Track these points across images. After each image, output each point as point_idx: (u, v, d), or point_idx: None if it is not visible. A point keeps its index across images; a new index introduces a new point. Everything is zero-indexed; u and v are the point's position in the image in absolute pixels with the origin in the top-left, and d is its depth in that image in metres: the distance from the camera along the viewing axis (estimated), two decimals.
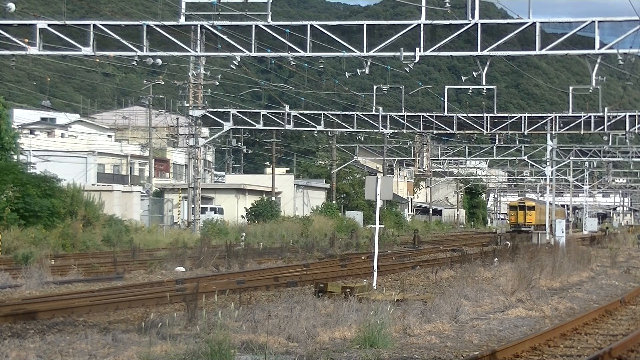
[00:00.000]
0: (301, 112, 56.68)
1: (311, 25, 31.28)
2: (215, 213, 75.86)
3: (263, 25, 31.22)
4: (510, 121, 54.52)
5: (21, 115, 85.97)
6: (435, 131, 57.29)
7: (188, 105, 64.14)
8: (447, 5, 31.14)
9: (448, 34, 30.69)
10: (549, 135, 63.67)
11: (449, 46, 31.34)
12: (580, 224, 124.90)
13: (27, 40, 30.99)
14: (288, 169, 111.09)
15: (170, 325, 18.01)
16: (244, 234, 59.69)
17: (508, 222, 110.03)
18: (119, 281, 31.99)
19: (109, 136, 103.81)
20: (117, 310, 23.74)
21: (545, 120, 54.62)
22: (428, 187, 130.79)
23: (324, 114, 55.82)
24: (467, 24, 30.47)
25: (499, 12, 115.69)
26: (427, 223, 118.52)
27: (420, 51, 30.69)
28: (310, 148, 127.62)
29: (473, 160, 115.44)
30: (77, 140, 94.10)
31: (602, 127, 53.17)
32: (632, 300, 28.37)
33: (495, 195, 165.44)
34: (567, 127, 54.38)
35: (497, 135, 72.20)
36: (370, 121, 55.34)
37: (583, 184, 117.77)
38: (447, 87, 54.24)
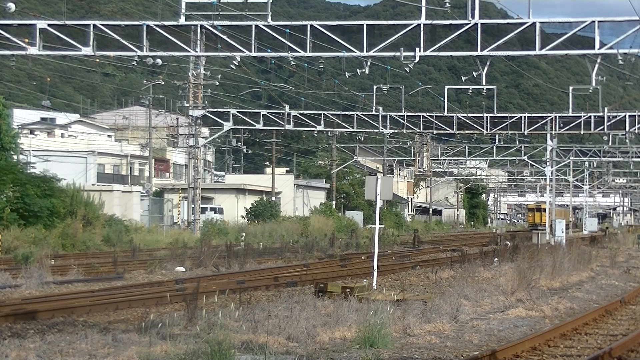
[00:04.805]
0: (301, 112, 56.68)
1: (311, 25, 31.28)
2: (215, 213, 75.84)
3: (263, 25, 31.23)
4: (510, 121, 54.53)
5: (21, 115, 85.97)
6: (435, 131, 57.30)
7: (188, 105, 64.10)
8: (447, 5, 31.16)
9: (448, 34, 30.70)
10: (549, 135, 63.67)
11: (449, 46, 31.35)
12: (580, 224, 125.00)
13: (27, 40, 31.00)
14: (288, 169, 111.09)
15: (170, 325, 18.00)
16: (244, 234, 59.67)
17: (526, 222, 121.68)
18: (119, 281, 31.98)
19: (109, 136, 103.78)
20: (117, 310, 23.74)
21: (545, 120, 54.64)
22: (428, 187, 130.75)
23: (324, 114, 55.82)
24: (467, 24, 30.48)
25: (499, 12, 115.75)
26: (427, 223, 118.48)
27: (420, 51, 30.70)
28: (310, 148, 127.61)
29: (473, 160, 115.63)
30: (77, 140, 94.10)
31: (602, 127, 53.17)
32: (632, 300, 28.37)
33: (495, 195, 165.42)
34: (567, 127, 54.39)
35: (497, 135, 72.25)
36: (370, 121, 55.34)
37: (583, 184, 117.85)
38: (447, 87, 54.25)
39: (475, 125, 54.30)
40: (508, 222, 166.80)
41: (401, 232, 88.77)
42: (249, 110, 58.40)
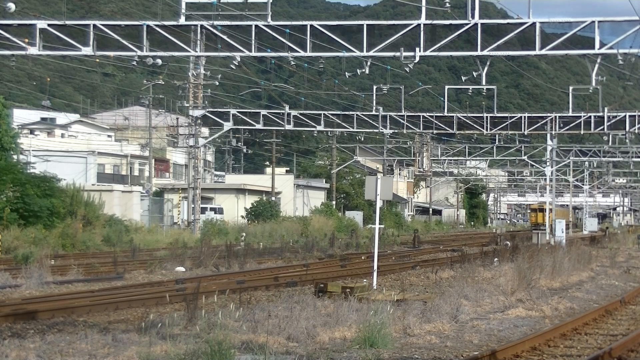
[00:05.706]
0: (301, 112, 56.69)
1: (311, 25, 31.29)
2: (215, 213, 75.85)
3: (263, 25, 31.24)
4: (510, 121, 54.55)
5: (21, 115, 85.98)
6: (435, 131, 57.32)
7: (188, 105, 64.10)
8: (447, 5, 31.18)
9: (448, 34, 30.71)
10: (549, 135, 63.68)
11: (449, 46, 31.36)
12: (580, 224, 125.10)
13: (27, 40, 31.01)
14: (288, 169, 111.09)
15: (170, 325, 18.00)
16: (244, 234, 59.67)
17: (528, 222, 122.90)
18: (119, 281, 31.98)
19: (109, 136, 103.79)
20: (117, 310, 23.74)
21: (545, 120, 54.65)
22: (428, 187, 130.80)
23: (324, 114, 55.84)
24: (467, 24, 30.49)
25: (499, 12, 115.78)
26: (427, 223, 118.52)
27: (420, 51, 30.71)
28: (310, 148, 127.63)
29: (473, 160, 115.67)
30: (77, 140, 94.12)
31: (602, 127, 53.19)
32: (632, 300, 28.37)
33: (495, 195, 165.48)
34: (567, 127, 54.40)
35: (497, 135, 72.24)
36: (370, 121, 55.35)
37: (583, 184, 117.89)
38: (447, 87, 54.26)
39: (475, 125, 54.32)
40: (508, 222, 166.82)
41: (401, 232, 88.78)
42: (249, 110, 58.41)
